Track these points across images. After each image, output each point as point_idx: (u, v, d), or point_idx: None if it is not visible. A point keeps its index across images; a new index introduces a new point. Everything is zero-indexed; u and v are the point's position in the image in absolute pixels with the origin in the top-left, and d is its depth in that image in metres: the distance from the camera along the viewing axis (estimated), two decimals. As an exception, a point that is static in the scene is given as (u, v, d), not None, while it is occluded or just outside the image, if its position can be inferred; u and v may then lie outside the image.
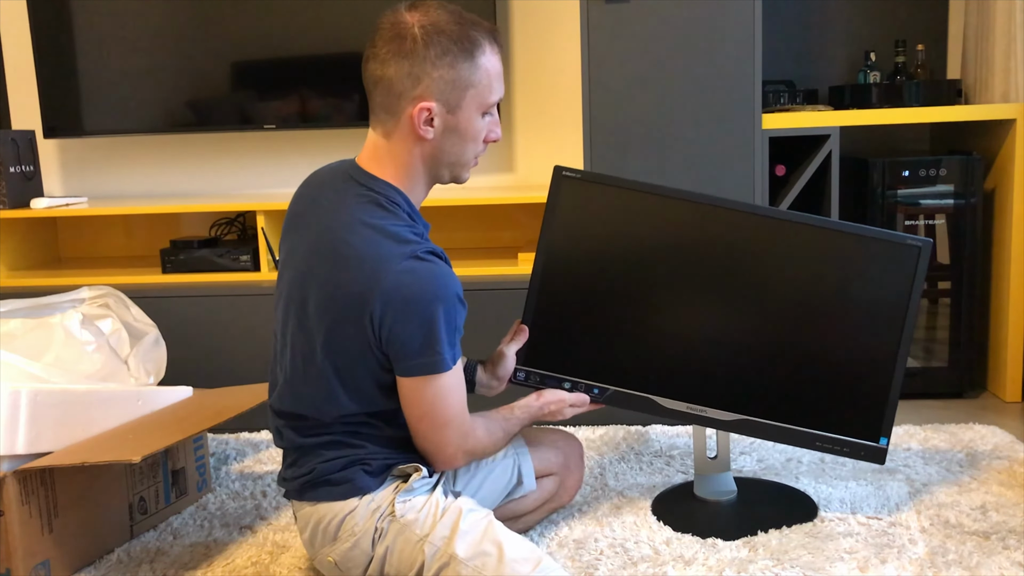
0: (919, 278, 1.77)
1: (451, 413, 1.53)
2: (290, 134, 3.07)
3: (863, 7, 2.93)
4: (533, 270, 1.86)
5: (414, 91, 1.46)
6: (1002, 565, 1.65)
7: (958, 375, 2.66)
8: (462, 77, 1.47)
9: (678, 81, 2.45)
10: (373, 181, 1.53)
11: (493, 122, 1.56)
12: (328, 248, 1.49)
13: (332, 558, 1.55)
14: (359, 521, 1.51)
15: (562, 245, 1.86)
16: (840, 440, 1.82)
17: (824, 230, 1.81)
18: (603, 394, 1.84)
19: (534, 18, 2.95)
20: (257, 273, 2.74)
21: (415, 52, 1.45)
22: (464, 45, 1.46)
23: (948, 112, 2.57)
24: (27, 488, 1.69)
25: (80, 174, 3.18)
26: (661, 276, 1.85)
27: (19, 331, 1.99)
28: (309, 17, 2.86)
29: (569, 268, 1.86)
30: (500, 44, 1.54)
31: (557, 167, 1.84)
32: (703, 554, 1.73)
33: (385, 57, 1.46)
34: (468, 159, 1.56)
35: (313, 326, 1.51)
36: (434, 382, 1.49)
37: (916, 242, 1.77)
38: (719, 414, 1.83)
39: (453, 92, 1.47)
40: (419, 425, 1.54)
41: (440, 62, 1.45)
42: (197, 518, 2.02)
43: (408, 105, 1.47)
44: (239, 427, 2.59)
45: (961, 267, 2.62)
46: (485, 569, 1.45)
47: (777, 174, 2.57)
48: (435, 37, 1.45)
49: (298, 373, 1.56)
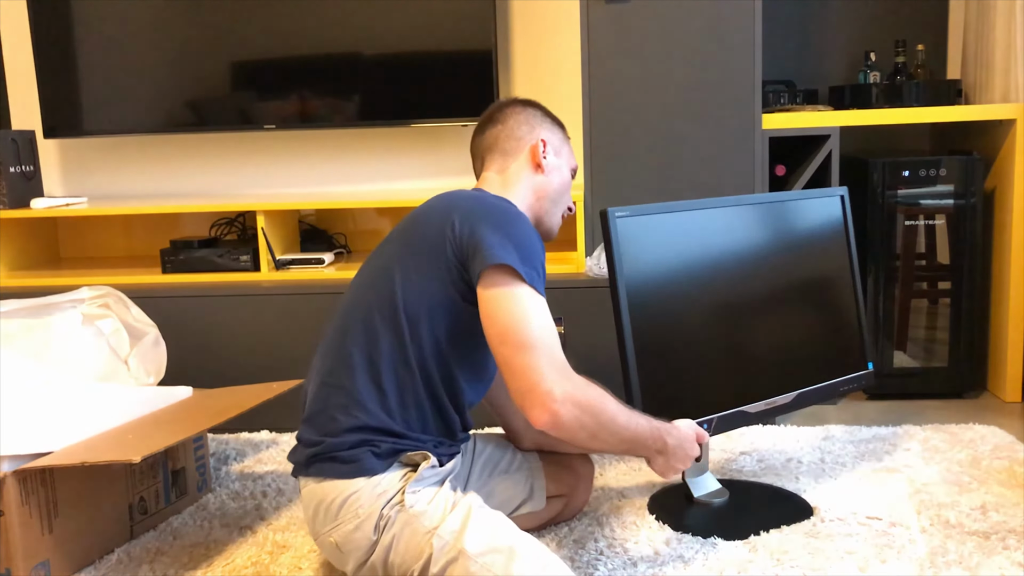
0: (848, 221, 2.09)
1: (535, 332, 1.41)
2: (290, 134, 3.07)
3: (863, 7, 2.93)
4: (617, 324, 1.75)
5: (531, 134, 1.73)
6: (1002, 565, 1.65)
7: (958, 375, 2.66)
8: (558, 137, 1.77)
9: (678, 81, 2.45)
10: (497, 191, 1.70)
11: (568, 195, 1.78)
12: (432, 204, 1.64)
13: (333, 539, 1.54)
14: (363, 503, 1.51)
15: (637, 285, 1.78)
16: (849, 379, 2.05)
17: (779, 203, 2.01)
18: (711, 425, 1.83)
19: (534, 18, 2.95)
20: (257, 273, 2.74)
21: (523, 113, 1.75)
22: (554, 118, 1.79)
23: (948, 112, 2.57)
24: (27, 488, 1.69)
25: (80, 174, 3.18)
26: (726, 286, 1.90)
27: (19, 331, 2.00)
28: (309, 17, 2.86)
29: (654, 308, 1.80)
30: None
31: (603, 211, 1.78)
32: (703, 554, 1.73)
33: (498, 118, 1.75)
34: (562, 206, 1.76)
35: (394, 238, 1.61)
36: (506, 284, 1.45)
37: (834, 193, 2.08)
38: (783, 399, 1.94)
39: (557, 142, 1.76)
40: (502, 350, 1.43)
41: (544, 122, 1.76)
42: (197, 518, 2.02)
43: (528, 142, 1.72)
44: (239, 427, 2.59)
45: (961, 267, 2.62)
46: (494, 567, 1.44)
47: (777, 174, 2.57)
48: (535, 108, 1.78)
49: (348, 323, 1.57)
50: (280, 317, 2.57)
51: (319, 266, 2.74)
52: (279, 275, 2.72)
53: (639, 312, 1.77)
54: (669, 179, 2.47)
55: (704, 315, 1.86)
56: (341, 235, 3.04)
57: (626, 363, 1.74)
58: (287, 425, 2.56)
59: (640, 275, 1.79)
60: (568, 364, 1.43)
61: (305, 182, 3.09)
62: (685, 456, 1.61)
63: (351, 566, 1.54)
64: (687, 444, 1.61)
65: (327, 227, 3.03)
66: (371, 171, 3.08)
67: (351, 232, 3.07)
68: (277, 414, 2.51)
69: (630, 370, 1.74)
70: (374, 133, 3.05)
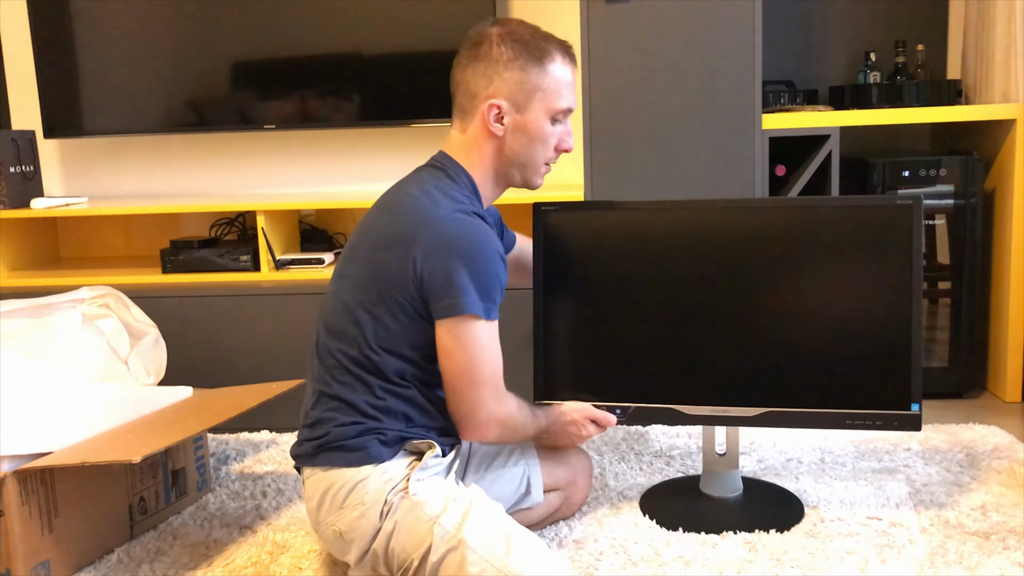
0: (917, 235, 1.77)
1: (486, 370, 1.57)
2: (290, 134, 3.07)
3: (863, 7, 2.93)
4: (535, 307, 1.89)
5: (486, 90, 1.60)
6: (1002, 565, 1.65)
7: (958, 375, 2.66)
8: (530, 80, 1.60)
9: (678, 81, 2.45)
10: (447, 160, 1.66)
11: (565, 132, 1.67)
12: (392, 200, 1.64)
13: (337, 527, 1.55)
14: (370, 490, 1.53)
15: (558, 276, 1.89)
16: (871, 415, 1.79)
17: (814, 208, 1.84)
18: (626, 413, 1.86)
19: (534, 18, 2.94)
20: (257, 273, 2.74)
21: (490, 55, 1.60)
22: (535, 52, 1.60)
23: (948, 112, 2.57)
24: (27, 488, 1.69)
25: (80, 174, 3.18)
26: (662, 285, 1.86)
27: (19, 331, 1.99)
28: (309, 17, 2.86)
29: (570, 296, 1.89)
30: (574, 59, 1.67)
31: (536, 204, 1.90)
32: (703, 554, 1.73)
33: (465, 62, 1.63)
34: (537, 162, 1.66)
35: (362, 258, 1.60)
36: (467, 328, 1.54)
37: (906, 199, 1.78)
38: (744, 411, 1.84)
39: (521, 93, 1.60)
40: (455, 382, 1.57)
41: (511, 64, 1.59)
42: (197, 518, 2.02)
43: (481, 103, 1.61)
44: (239, 427, 2.59)
45: (961, 267, 2.62)
46: (493, 559, 1.46)
47: (777, 174, 2.57)
48: (509, 42, 1.60)
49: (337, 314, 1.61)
50: (280, 317, 2.57)
51: (319, 266, 2.74)
52: (279, 275, 2.72)
53: (554, 300, 1.89)
54: (669, 179, 2.47)
55: (623, 311, 1.87)
56: (341, 235, 3.04)
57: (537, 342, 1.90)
58: (287, 425, 2.56)
59: (562, 268, 1.88)
60: (503, 386, 1.61)
61: (305, 182, 3.09)
62: (565, 432, 1.79)
63: (354, 555, 1.55)
64: (564, 422, 1.78)
65: (327, 227, 3.03)
66: (371, 171, 3.08)
67: (351, 232, 3.06)
68: (277, 414, 2.51)
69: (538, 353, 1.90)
70: (374, 133, 3.05)
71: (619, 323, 1.88)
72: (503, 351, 1.61)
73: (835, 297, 1.81)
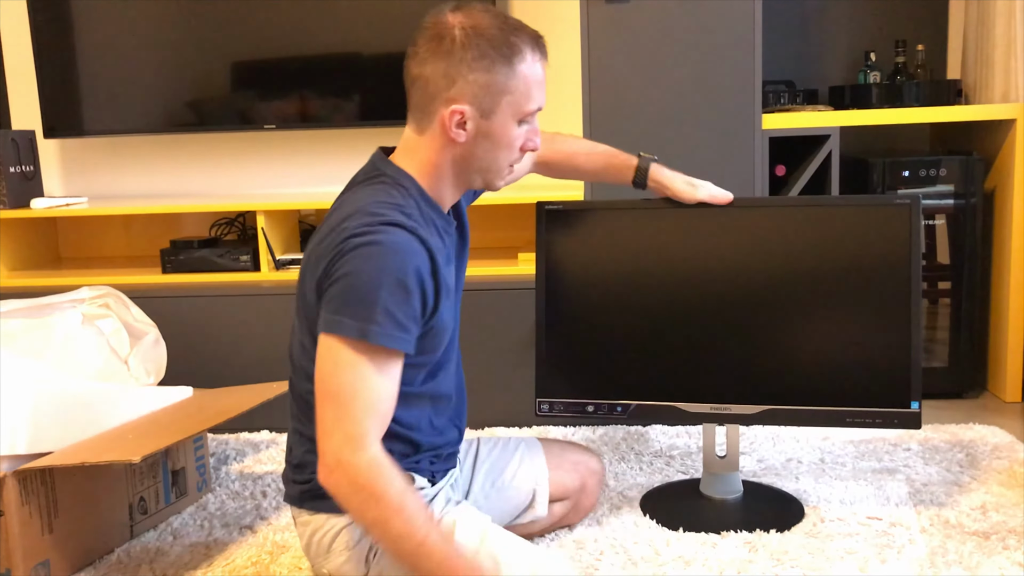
0: (916, 235, 1.78)
1: (345, 397, 1.33)
2: (290, 134, 3.07)
3: (863, 7, 2.93)
4: (536, 305, 1.90)
5: (448, 92, 1.41)
6: (1002, 565, 1.65)
7: (958, 375, 2.66)
8: (498, 82, 1.41)
9: (678, 81, 2.45)
10: (389, 167, 1.50)
11: (531, 131, 1.50)
12: (323, 224, 1.48)
13: (326, 570, 1.54)
14: (354, 536, 1.49)
15: (559, 275, 1.91)
16: (871, 412, 1.80)
17: (813, 208, 1.84)
18: (626, 411, 1.86)
19: (534, 18, 2.95)
20: (257, 273, 2.73)
21: (452, 53, 1.40)
22: (503, 50, 1.41)
23: (948, 112, 2.57)
24: (27, 488, 1.69)
25: (80, 174, 3.18)
26: (663, 283, 1.87)
27: (19, 331, 1.99)
28: (309, 17, 2.86)
29: (571, 295, 1.91)
30: (545, 52, 1.48)
31: (539, 203, 1.90)
32: (703, 554, 1.73)
33: (424, 56, 1.43)
34: (501, 166, 1.50)
35: (298, 289, 1.49)
36: (340, 348, 1.33)
37: (905, 199, 1.79)
38: (744, 409, 1.85)
39: (487, 97, 1.42)
40: (318, 405, 1.36)
41: (477, 65, 1.40)
42: (197, 518, 2.02)
43: (441, 106, 1.42)
44: (239, 427, 2.59)
45: (961, 267, 2.62)
46: None
47: (777, 174, 2.57)
48: (474, 40, 1.40)
49: (294, 349, 1.55)
50: (280, 317, 2.57)
51: (319, 266, 2.74)
52: (279, 275, 2.72)
53: (556, 299, 1.90)
54: (669, 179, 2.47)
55: (623, 311, 1.88)
56: (341, 235, 3.03)
57: (538, 340, 1.91)
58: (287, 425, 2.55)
59: (563, 267, 1.90)
60: (376, 434, 1.34)
61: (305, 182, 3.09)
62: None
63: None
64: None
65: (327, 227, 3.03)
66: (371, 171, 3.07)
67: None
68: (277, 414, 2.51)
69: (539, 352, 1.91)
70: (374, 133, 3.05)
71: (620, 321, 1.88)
72: (505, 349, 1.51)
73: (835, 296, 1.82)
